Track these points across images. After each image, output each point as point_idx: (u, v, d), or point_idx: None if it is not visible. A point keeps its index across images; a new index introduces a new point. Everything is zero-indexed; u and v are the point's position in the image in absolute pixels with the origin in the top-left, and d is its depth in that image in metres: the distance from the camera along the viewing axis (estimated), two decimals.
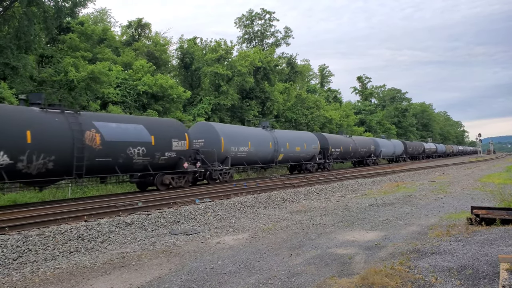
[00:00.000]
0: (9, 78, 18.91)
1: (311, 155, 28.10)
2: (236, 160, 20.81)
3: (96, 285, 5.47)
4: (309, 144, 27.73)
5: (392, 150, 46.51)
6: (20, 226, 8.34)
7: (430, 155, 66.59)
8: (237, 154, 20.73)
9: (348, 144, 34.43)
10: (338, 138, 34.01)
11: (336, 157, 32.46)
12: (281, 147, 24.48)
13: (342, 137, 34.87)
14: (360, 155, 37.55)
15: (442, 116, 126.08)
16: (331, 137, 32.55)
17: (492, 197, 12.11)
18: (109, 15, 44.83)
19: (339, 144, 32.58)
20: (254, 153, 21.99)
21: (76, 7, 22.44)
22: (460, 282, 4.68)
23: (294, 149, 26.00)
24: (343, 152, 33.05)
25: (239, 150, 20.87)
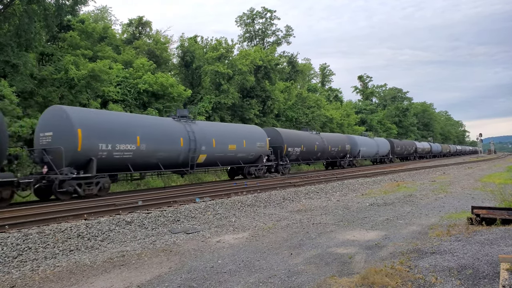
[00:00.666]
0: (9, 76, 18.89)
1: (256, 156, 22.18)
2: (108, 163, 14.28)
3: (96, 283, 5.47)
4: (252, 142, 21.67)
5: (374, 149, 40.47)
6: (20, 224, 8.34)
7: (424, 155, 62.23)
8: (113, 155, 14.35)
9: (313, 142, 28.52)
10: (298, 134, 28.07)
11: (296, 157, 26.75)
12: (202, 145, 18.16)
13: (304, 134, 28.93)
14: (331, 155, 31.91)
15: (443, 116, 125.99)
16: (288, 133, 26.82)
17: (492, 197, 12.09)
18: (109, 13, 44.70)
19: (299, 142, 26.68)
20: (147, 153, 15.61)
21: (77, 5, 22.39)
22: (460, 282, 4.67)
23: (226, 148, 19.80)
24: (305, 151, 27.24)
25: (117, 149, 14.45)
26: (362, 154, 37.34)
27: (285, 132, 26.34)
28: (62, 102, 20.69)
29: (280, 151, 24.65)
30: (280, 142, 24.77)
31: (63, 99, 21.01)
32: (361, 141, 37.73)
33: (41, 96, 20.51)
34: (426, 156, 63.63)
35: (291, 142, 25.84)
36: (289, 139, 25.85)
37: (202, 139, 18.29)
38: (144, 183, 20.03)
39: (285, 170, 25.09)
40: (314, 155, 29.15)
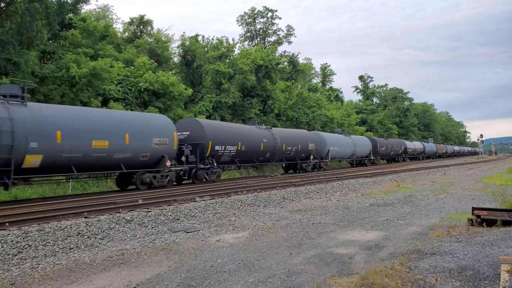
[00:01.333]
0: (11, 74, 18.90)
1: (154, 157, 15.85)
2: None
3: (96, 281, 5.47)
4: (144, 136, 15.40)
5: (350, 149, 34.43)
6: (20, 222, 8.34)
7: (416, 157, 56.82)
8: None
9: (258, 139, 22.37)
10: (233, 128, 21.55)
11: (231, 159, 20.63)
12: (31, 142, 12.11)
13: (244, 129, 22.60)
14: (287, 156, 25.56)
15: (444, 116, 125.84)
16: (216, 126, 20.29)
17: (493, 198, 12.09)
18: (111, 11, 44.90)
19: (235, 139, 20.44)
20: None
21: (79, 4, 22.44)
22: (460, 283, 4.66)
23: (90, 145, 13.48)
24: (244, 151, 21.13)
25: None
26: (333, 154, 30.98)
27: (210, 125, 19.73)
28: (63, 100, 20.70)
29: (201, 150, 18.35)
30: (201, 137, 18.45)
31: (64, 97, 21.01)
32: (332, 140, 31.59)
33: (42, 94, 20.51)
34: (419, 157, 58.05)
35: (220, 138, 19.38)
36: (217, 134, 19.37)
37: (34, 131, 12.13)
38: None
39: (211, 176, 18.69)
40: (260, 156, 22.77)
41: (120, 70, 26.14)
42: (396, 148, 47.51)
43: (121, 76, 25.93)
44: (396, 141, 51.15)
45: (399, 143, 50.16)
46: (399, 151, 48.54)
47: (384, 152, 43.25)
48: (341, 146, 32.75)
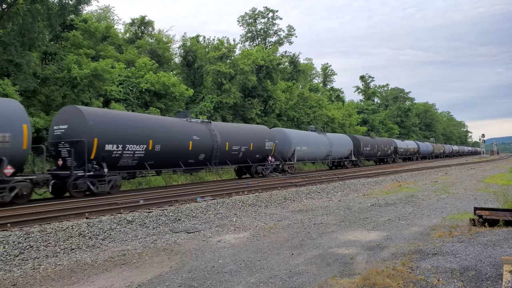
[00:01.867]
0: (13, 75, 18.95)
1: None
2: None
3: (97, 282, 5.47)
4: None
5: (324, 149, 29.52)
6: (22, 223, 8.34)
7: (409, 157, 52.26)
8: None
9: (186, 137, 17.27)
10: (140, 122, 15.75)
11: (139, 163, 15.37)
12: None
13: (162, 122, 17.12)
14: (233, 158, 20.55)
15: (445, 116, 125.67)
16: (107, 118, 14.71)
17: (495, 198, 12.06)
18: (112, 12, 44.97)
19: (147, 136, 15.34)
20: None
21: (80, 5, 22.45)
22: (462, 284, 4.64)
23: None
24: (161, 152, 15.91)
25: None
26: (300, 155, 26.23)
27: (98, 115, 14.32)
28: (64, 101, 20.74)
29: (80, 151, 13.33)
30: (82, 133, 13.48)
31: (65, 98, 21.05)
32: (299, 138, 26.77)
33: (44, 95, 20.56)
34: (412, 157, 53.34)
35: (113, 134, 14.26)
36: (109, 128, 14.21)
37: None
38: (146, 182, 20.05)
39: (101, 186, 13.88)
40: (189, 158, 17.59)
41: (121, 71, 26.19)
42: (384, 148, 42.33)
43: (122, 77, 25.97)
44: (385, 140, 45.97)
45: (388, 142, 45.08)
46: (388, 151, 43.46)
47: (369, 152, 38.12)
48: (312, 146, 27.83)
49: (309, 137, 28.61)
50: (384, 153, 42.58)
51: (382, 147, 41.84)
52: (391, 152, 44.58)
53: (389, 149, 43.94)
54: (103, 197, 13.22)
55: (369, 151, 38.17)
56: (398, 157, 47.50)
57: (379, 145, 41.12)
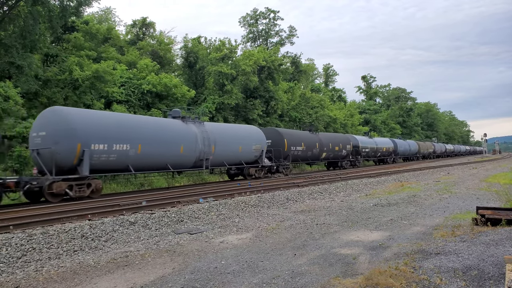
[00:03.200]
0: (14, 77, 19.02)
1: None
2: None
3: (100, 284, 5.48)
4: None
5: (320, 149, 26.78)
6: (24, 225, 8.37)
7: (380, 159, 42.24)
8: None
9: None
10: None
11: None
12: None
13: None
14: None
15: (447, 115, 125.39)
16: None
17: (497, 197, 12.03)
18: (113, 14, 45.11)
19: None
20: None
21: (81, 6, 22.54)
22: (465, 283, 4.63)
23: None
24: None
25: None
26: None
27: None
28: (66, 103, 20.79)
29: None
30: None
31: (67, 100, 21.11)
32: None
33: (45, 97, 20.62)
34: (387, 160, 42.76)
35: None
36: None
37: None
38: (148, 183, 20.08)
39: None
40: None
41: (123, 72, 26.24)
42: (334, 148, 30.41)
43: (124, 78, 26.02)
44: (337, 136, 33.64)
45: (343, 139, 32.79)
46: (342, 152, 31.34)
47: (305, 154, 26.53)
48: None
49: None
50: (336, 155, 31.06)
51: (330, 146, 29.84)
52: (346, 153, 32.57)
53: (344, 149, 31.74)
54: (105, 198, 13.24)
55: (304, 152, 26.39)
56: (361, 159, 36.23)
57: (325, 143, 29.20)
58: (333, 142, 30.46)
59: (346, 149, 32.45)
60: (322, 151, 28.61)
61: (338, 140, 31.84)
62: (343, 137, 33.71)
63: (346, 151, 32.51)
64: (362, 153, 35.59)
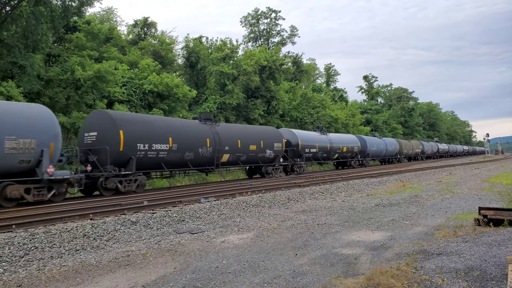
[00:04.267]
0: (17, 77, 19.07)
1: None
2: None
3: (102, 283, 5.49)
4: None
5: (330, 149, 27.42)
6: (26, 224, 8.40)
7: (343, 161, 32.95)
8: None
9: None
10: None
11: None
12: None
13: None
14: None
15: (449, 116, 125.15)
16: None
17: (500, 197, 12.00)
18: (115, 14, 45.15)
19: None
20: None
21: (83, 6, 22.56)
22: (467, 284, 4.62)
23: None
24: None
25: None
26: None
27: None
28: (68, 103, 20.84)
29: None
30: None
31: (69, 100, 21.16)
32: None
33: (47, 97, 20.67)
34: (350, 163, 33.50)
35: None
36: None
37: None
38: (150, 183, 20.11)
39: None
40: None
41: (125, 72, 26.27)
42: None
43: (125, 78, 26.06)
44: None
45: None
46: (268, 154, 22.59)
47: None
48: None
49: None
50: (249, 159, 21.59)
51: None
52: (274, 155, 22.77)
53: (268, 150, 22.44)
54: (107, 198, 13.28)
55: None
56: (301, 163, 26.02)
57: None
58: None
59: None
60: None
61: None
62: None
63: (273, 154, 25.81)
64: (307, 155, 27.00)
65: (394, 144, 43.45)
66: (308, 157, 26.36)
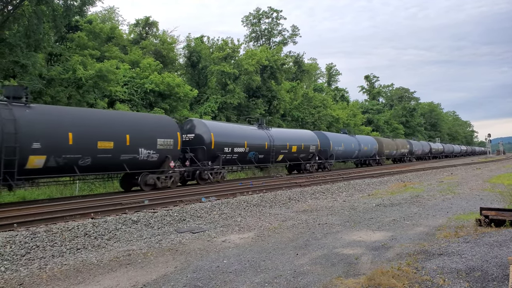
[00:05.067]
0: (19, 76, 19.10)
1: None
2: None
3: (103, 282, 5.50)
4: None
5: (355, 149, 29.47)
6: (28, 223, 8.42)
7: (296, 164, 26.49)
8: None
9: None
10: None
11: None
12: None
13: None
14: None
15: (451, 116, 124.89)
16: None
17: (501, 198, 11.97)
18: (117, 13, 45.01)
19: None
20: None
21: (85, 6, 22.57)
22: (468, 284, 4.61)
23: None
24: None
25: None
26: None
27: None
28: (70, 102, 20.86)
29: None
30: None
31: (71, 99, 21.18)
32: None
33: (49, 96, 20.69)
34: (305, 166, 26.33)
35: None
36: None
37: None
38: None
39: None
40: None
41: (126, 72, 26.29)
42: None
43: (127, 78, 26.08)
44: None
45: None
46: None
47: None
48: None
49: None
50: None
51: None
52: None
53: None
54: (109, 197, 13.29)
55: None
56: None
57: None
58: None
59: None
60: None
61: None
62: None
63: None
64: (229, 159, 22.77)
65: (372, 142, 36.63)
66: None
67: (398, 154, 43.45)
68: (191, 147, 18.51)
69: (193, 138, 18.86)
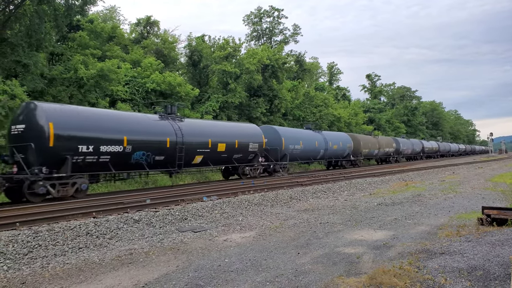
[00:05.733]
0: (20, 76, 19.14)
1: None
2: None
3: (105, 281, 5.51)
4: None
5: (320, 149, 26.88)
6: (30, 222, 8.44)
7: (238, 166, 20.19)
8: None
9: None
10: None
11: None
12: None
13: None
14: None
15: (453, 115, 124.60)
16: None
17: (503, 197, 11.95)
18: (118, 13, 45.20)
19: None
20: None
21: (86, 5, 22.60)
22: (470, 283, 4.61)
23: None
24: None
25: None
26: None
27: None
28: (71, 101, 20.90)
29: None
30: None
31: (72, 99, 21.22)
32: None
33: (51, 96, 20.74)
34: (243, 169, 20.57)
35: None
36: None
37: None
38: (152, 182, 20.15)
39: None
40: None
41: (127, 71, 26.33)
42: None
43: (128, 77, 26.11)
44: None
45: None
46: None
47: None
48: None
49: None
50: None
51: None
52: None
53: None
54: (110, 196, 13.31)
55: None
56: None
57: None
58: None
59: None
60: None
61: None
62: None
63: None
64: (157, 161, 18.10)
65: (344, 140, 31.59)
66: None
67: (382, 153, 38.84)
68: (18, 144, 12.32)
69: (23, 131, 12.37)
